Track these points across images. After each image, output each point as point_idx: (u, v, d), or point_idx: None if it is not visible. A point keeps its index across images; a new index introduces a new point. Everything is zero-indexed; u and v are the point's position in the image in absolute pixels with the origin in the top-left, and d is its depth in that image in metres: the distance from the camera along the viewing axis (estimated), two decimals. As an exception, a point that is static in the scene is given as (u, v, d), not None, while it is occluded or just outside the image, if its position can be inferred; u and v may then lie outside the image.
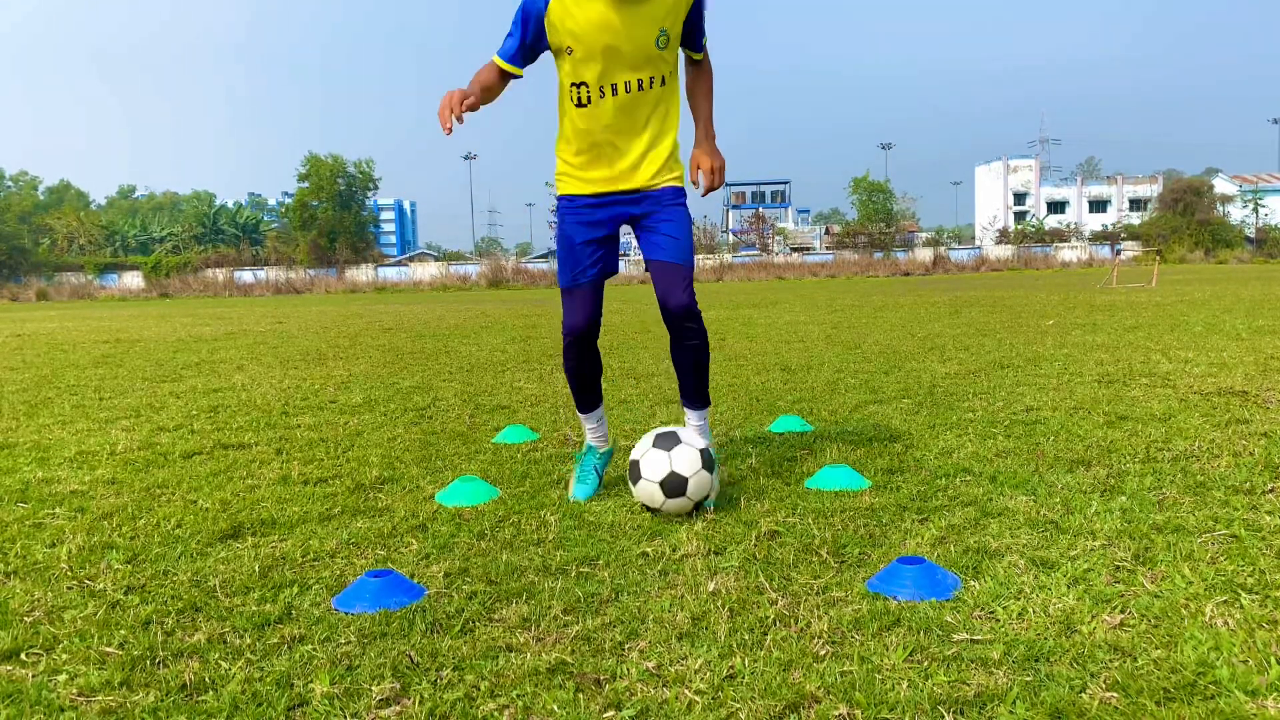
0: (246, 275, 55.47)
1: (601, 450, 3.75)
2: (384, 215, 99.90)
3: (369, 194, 62.68)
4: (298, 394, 6.76)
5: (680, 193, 3.48)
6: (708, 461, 3.27)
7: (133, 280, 56.63)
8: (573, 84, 3.30)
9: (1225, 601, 2.35)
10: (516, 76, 3.36)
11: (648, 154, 3.39)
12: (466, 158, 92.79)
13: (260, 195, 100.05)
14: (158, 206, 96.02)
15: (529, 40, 3.29)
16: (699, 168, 3.50)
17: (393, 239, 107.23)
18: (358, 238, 60.21)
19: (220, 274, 55.49)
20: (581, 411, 3.75)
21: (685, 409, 3.67)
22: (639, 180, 3.41)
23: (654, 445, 3.30)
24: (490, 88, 3.31)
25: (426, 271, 55.31)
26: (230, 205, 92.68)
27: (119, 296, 50.84)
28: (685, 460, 3.23)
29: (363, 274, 55.86)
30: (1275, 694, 1.88)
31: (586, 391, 3.68)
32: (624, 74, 3.27)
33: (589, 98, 3.30)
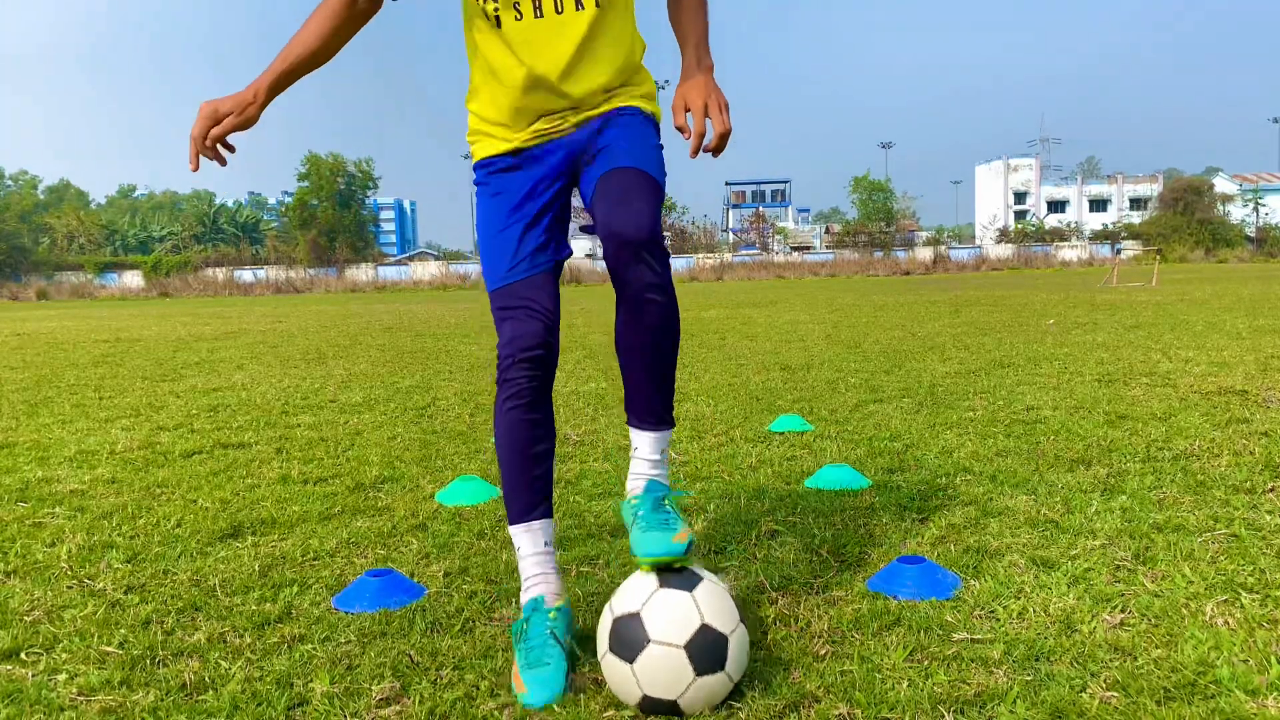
0: (246, 275, 55.45)
1: (555, 605, 2.16)
2: (384, 214, 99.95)
3: (369, 193, 62.69)
4: (297, 393, 6.76)
5: (645, 116, 2.25)
6: (741, 611, 1.94)
7: (132, 280, 56.61)
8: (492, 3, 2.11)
9: (1225, 601, 2.35)
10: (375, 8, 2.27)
11: (593, 77, 2.18)
12: (467, 157, 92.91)
13: (260, 194, 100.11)
14: (157, 206, 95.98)
15: None
16: (687, 108, 2.09)
17: (393, 238, 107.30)
18: (357, 237, 60.22)
19: (220, 273, 55.48)
20: (517, 520, 2.22)
21: (632, 428, 2.27)
22: (582, 114, 2.21)
23: (659, 584, 1.93)
24: (323, 29, 2.24)
25: (427, 271, 55.32)
26: (230, 204, 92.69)
27: (119, 296, 50.85)
28: (715, 605, 1.90)
29: (363, 273, 55.86)
30: (1275, 693, 1.88)
31: (529, 471, 2.20)
32: None
33: (514, 7, 2.11)
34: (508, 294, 2.18)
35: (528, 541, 2.22)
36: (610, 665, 1.89)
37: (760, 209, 73.12)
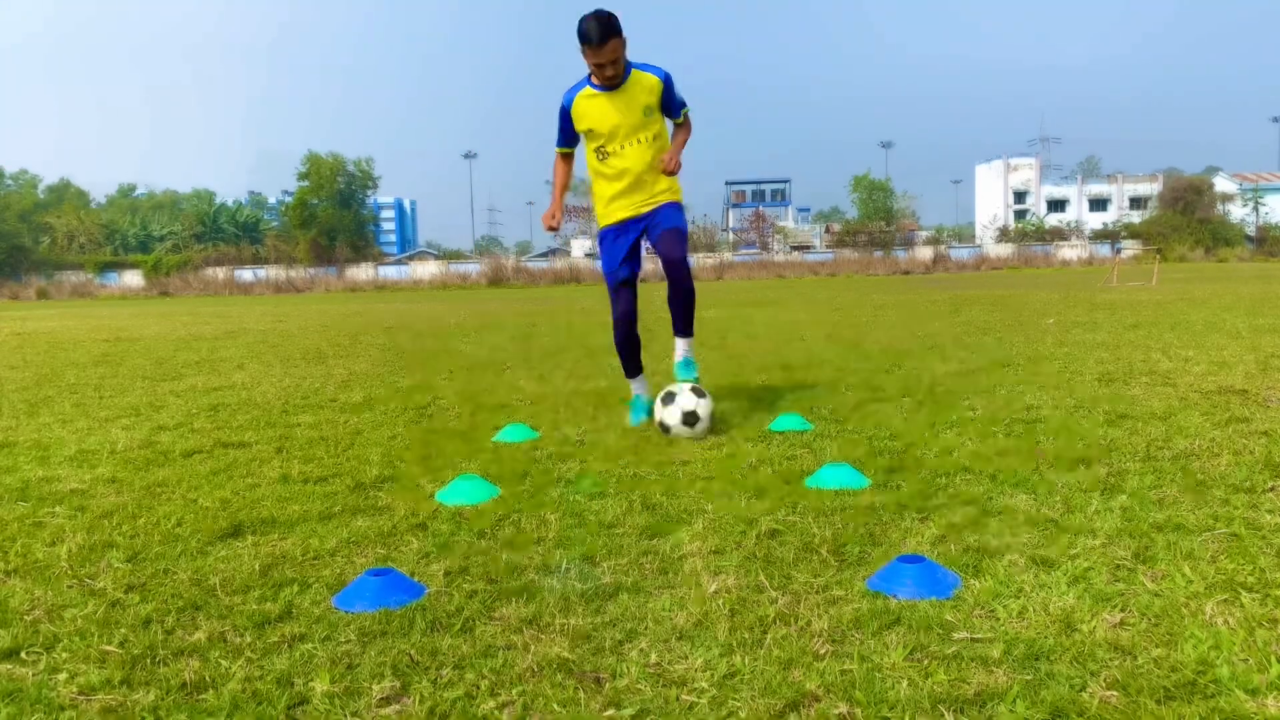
0: (246, 274, 55.46)
1: (646, 398, 5.14)
2: (384, 214, 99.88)
3: (369, 192, 62.65)
4: (298, 393, 6.76)
5: (677, 204, 4.96)
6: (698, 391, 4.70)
7: (133, 279, 56.61)
8: (596, 148, 4.84)
9: (1225, 600, 2.35)
10: (570, 153, 5.02)
11: (649, 180, 4.87)
12: (466, 156, 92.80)
13: (260, 194, 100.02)
14: (158, 205, 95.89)
15: (567, 128, 4.88)
16: (670, 155, 4.83)
17: (393, 237, 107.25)
18: (358, 236, 60.19)
19: (220, 273, 55.49)
20: (628, 377, 5.24)
21: (676, 338, 5.04)
22: (647, 205, 4.90)
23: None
24: (566, 173, 5.09)
25: (426, 270, 55.31)
26: (230, 204, 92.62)
27: (119, 295, 50.84)
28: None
29: (363, 272, 55.85)
30: (1275, 692, 1.88)
31: (631, 361, 5.17)
32: (625, 136, 4.79)
33: (606, 155, 4.84)
34: (613, 291, 5.01)
35: (635, 383, 5.23)
36: (669, 414, 4.57)
37: (760, 208, 73.06)
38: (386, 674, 2.08)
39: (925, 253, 55.74)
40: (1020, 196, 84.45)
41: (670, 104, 4.85)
